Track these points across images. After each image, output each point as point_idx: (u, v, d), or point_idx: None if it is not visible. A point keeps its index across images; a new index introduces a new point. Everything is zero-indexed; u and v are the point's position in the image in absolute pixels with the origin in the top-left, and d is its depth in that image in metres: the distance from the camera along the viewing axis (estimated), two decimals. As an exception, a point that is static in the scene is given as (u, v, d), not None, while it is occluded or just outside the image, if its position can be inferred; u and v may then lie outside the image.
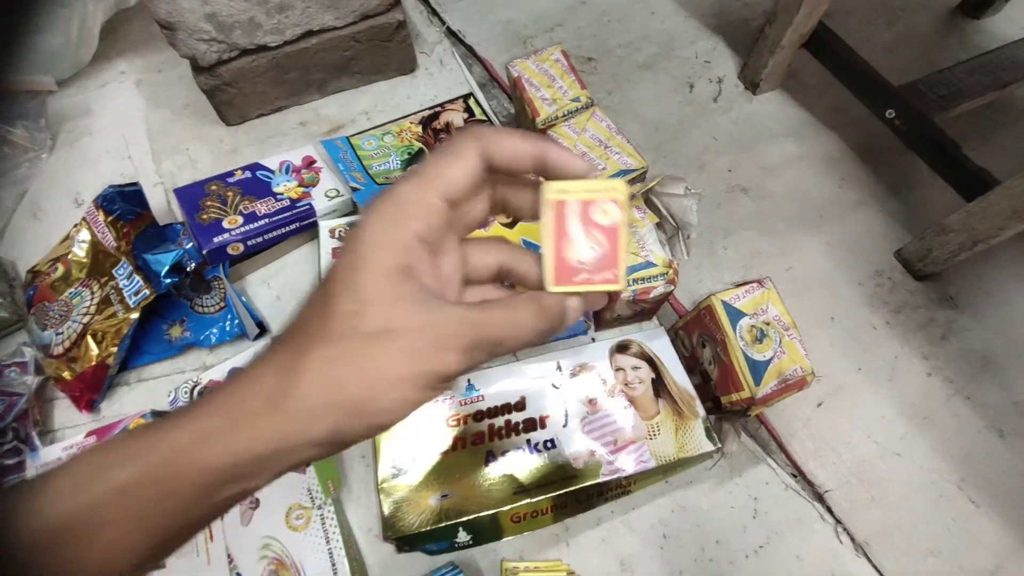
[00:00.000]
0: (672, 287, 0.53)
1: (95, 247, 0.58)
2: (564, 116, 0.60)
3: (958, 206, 0.61)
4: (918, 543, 0.54)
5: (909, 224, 0.71)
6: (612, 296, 0.54)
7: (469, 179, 0.21)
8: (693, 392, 0.54)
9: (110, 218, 0.58)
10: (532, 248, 0.59)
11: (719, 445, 0.51)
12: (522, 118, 0.68)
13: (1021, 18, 0.88)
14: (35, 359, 0.57)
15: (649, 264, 0.53)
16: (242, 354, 0.57)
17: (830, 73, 0.75)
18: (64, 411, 0.57)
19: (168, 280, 0.54)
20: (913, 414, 0.60)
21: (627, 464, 0.50)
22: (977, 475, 0.57)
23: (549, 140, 0.22)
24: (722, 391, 0.51)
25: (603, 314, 0.58)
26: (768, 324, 0.50)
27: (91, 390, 0.55)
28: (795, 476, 0.57)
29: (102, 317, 0.54)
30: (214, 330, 0.59)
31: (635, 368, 0.56)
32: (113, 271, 0.56)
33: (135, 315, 0.53)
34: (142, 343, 0.58)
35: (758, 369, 0.48)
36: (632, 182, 0.57)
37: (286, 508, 0.50)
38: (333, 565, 0.48)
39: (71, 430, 0.55)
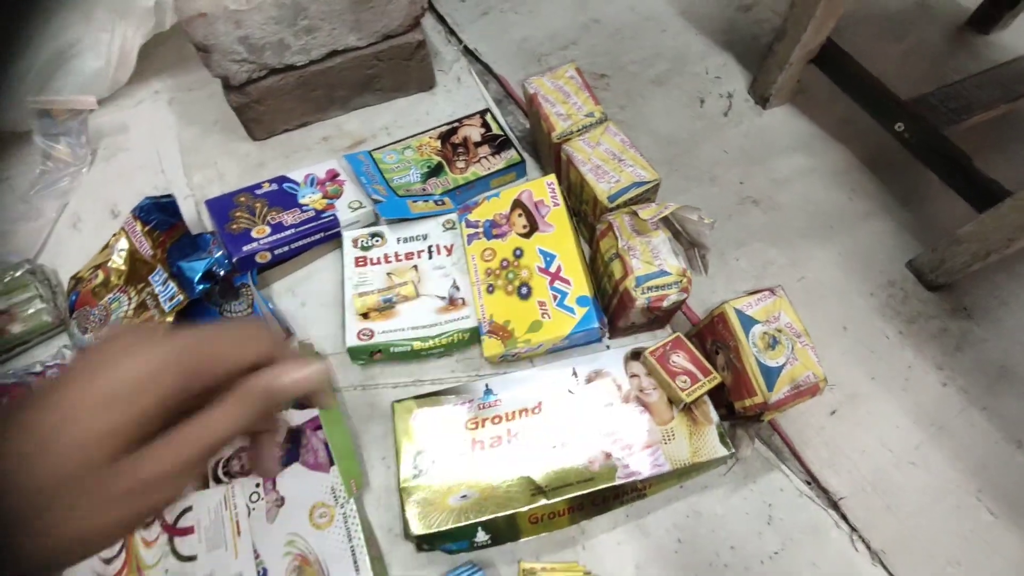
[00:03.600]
0: (685, 295, 0.55)
1: (132, 255, 0.61)
2: (579, 131, 0.63)
3: (970, 217, 0.62)
4: (936, 553, 0.54)
5: (920, 235, 0.72)
6: (627, 304, 0.55)
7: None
8: (706, 398, 0.55)
9: (146, 228, 0.62)
10: (545, 256, 0.60)
11: (733, 451, 0.52)
12: (538, 133, 0.71)
13: (1031, 33, 0.89)
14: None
15: (663, 273, 0.55)
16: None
17: (839, 87, 0.77)
18: (99, 412, 0.60)
19: (201, 286, 0.57)
20: (928, 424, 0.60)
21: (642, 467, 0.51)
22: (995, 486, 0.57)
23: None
24: (735, 397, 0.52)
25: (617, 322, 0.60)
26: (780, 331, 0.51)
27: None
28: (809, 483, 0.57)
29: (139, 321, 0.57)
30: (242, 335, 0.62)
31: (649, 375, 0.57)
32: (149, 278, 0.59)
33: (170, 319, 0.56)
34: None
35: (771, 375, 0.49)
36: (645, 194, 0.59)
37: (310, 506, 0.52)
38: (355, 562, 0.50)
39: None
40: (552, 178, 0.63)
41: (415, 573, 0.52)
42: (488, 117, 0.77)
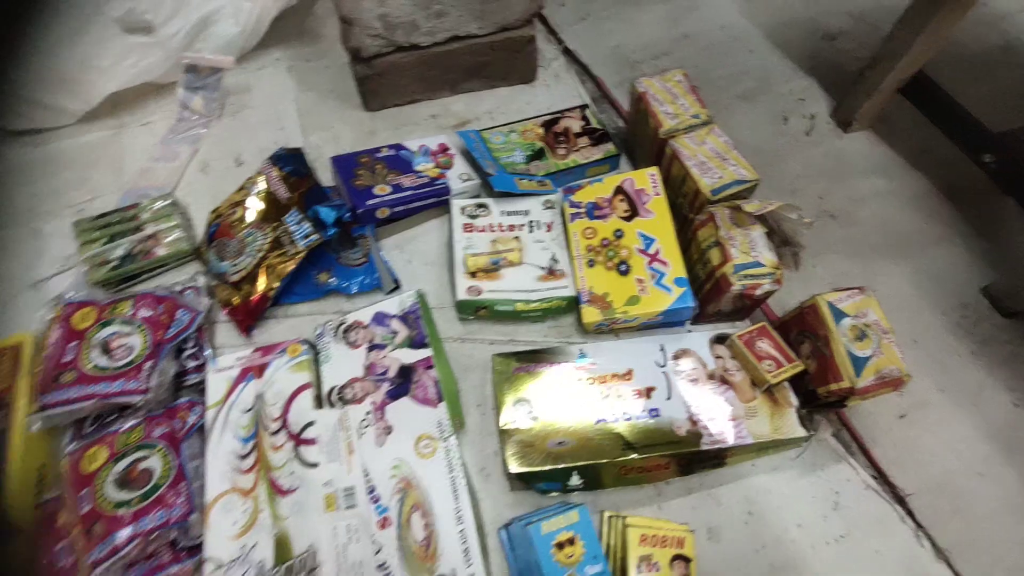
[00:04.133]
0: (777, 287, 0.59)
1: (269, 196, 0.67)
2: (685, 129, 0.68)
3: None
4: (1002, 559, 0.56)
5: (996, 263, 0.75)
6: (723, 289, 0.60)
7: None
8: (787, 384, 0.59)
9: (282, 173, 0.68)
10: (645, 239, 0.64)
11: (812, 432, 0.56)
12: (639, 128, 0.76)
13: (1115, 86, 0.91)
14: (207, 285, 0.66)
15: (758, 264, 0.59)
16: (382, 302, 0.64)
17: (923, 117, 0.80)
18: (222, 334, 0.66)
19: (334, 230, 0.63)
20: (997, 439, 0.62)
21: (727, 437, 0.55)
22: (1059, 504, 0.59)
23: None
24: (819, 383, 0.56)
25: (706, 307, 0.64)
26: (868, 326, 0.55)
27: (251, 317, 0.64)
28: (876, 478, 0.60)
29: (274, 255, 0.63)
30: (356, 281, 0.67)
31: (733, 357, 0.61)
32: (283, 218, 0.65)
33: (302, 255, 0.62)
34: (293, 285, 0.67)
35: (858, 364, 0.53)
36: (743, 192, 0.64)
37: (416, 437, 0.57)
38: (455, 492, 0.54)
39: (229, 349, 0.64)
40: (655, 170, 0.68)
41: (504, 510, 0.56)
42: (588, 112, 0.83)
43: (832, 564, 0.55)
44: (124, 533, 0.49)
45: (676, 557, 0.47)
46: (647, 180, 0.68)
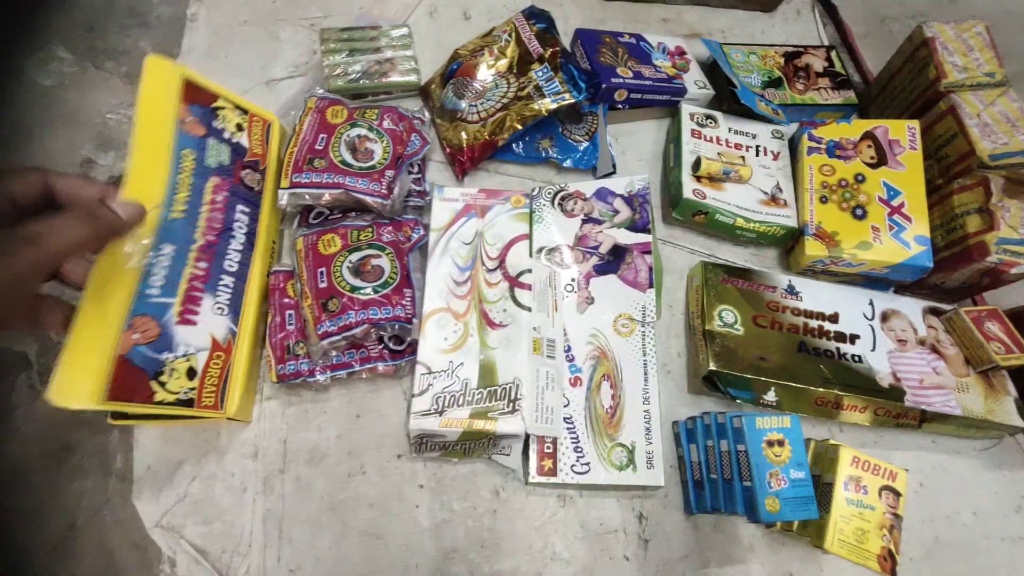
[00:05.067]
0: (1037, 273, 0.55)
1: (519, 47, 0.67)
2: (972, 87, 0.62)
3: None
4: None
5: None
6: (972, 258, 0.56)
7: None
8: (1006, 373, 0.56)
9: (536, 28, 0.67)
10: (889, 190, 0.60)
11: (1030, 427, 0.53)
12: (901, 77, 0.70)
13: None
14: (431, 119, 0.67)
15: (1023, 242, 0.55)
16: (607, 180, 0.64)
17: None
18: (432, 173, 0.68)
19: (585, 94, 0.62)
20: None
21: (932, 402, 0.53)
22: None
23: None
24: (1058, 379, 0.53)
25: (932, 275, 0.60)
26: None
27: (472, 161, 0.65)
28: (1065, 496, 0.57)
29: (518, 105, 0.63)
30: (573, 156, 0.67)
31: (947, 332, 0.58)
32: (532, 72, 0.65)
33: (548, 110, 0.62)
34: (515, 143, 0.67)
35: (1120, 371, 0.49)
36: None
37: (615, 314, 0.58)
38: (645, 375, 0.55)
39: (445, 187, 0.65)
40: (915, 123, 0.63)
41: (679, 408, 0.58)
42: (833, 54, 0.77)
43: (1004, 559, 0.54)
44: (356, 315, 0.53)
45: (886, 488, 0.47)
46: (904, 132, 0.63)
